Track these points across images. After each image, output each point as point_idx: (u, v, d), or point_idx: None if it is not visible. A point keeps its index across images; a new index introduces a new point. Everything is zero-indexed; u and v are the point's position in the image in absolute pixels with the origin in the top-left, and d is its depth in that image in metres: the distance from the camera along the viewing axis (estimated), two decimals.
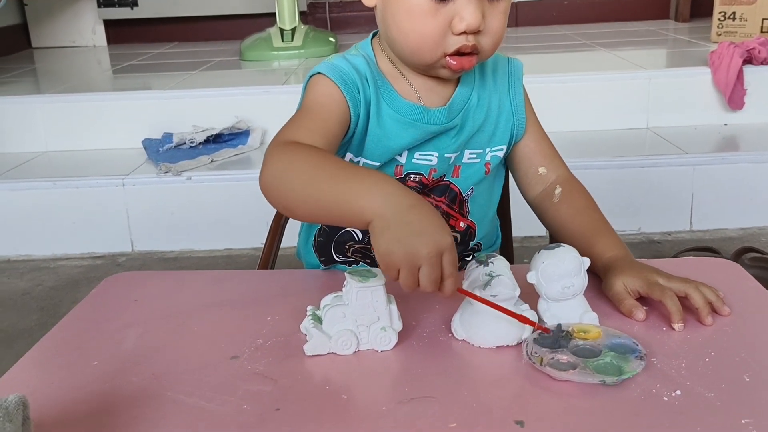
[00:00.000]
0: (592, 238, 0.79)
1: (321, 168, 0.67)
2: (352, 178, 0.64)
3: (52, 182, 2.02)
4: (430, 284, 0.60)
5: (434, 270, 0.59)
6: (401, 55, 0.79)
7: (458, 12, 0.72)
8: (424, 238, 0.59)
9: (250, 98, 2.31)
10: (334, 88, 0.78)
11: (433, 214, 0.61)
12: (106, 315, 0.76)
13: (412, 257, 0.59)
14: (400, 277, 0.60)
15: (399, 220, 0.60)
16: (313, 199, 0.66)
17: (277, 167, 0.69)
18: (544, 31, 3.40)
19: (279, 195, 0.68)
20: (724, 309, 0.69)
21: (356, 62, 0.80)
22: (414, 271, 0.59)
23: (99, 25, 3.64)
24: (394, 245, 0.59)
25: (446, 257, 0.60)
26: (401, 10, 0.74)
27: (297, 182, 0.67)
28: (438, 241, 0.59)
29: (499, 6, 0.74)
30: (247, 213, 1.98)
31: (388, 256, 0.59)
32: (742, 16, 2.63)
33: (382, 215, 0.60)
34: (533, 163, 0.88)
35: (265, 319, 0.72)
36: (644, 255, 1.88)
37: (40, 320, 1.69)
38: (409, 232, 0.59)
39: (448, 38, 0.73)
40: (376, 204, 0.61)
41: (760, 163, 1.99)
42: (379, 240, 0.60)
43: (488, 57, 0.78)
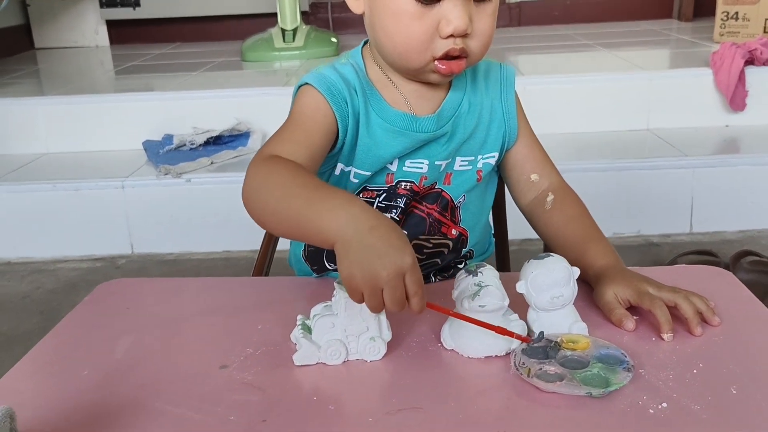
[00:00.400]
0: (583, 246, 0.79)
1: (292, 186, 0.67)
2: (318, 198, 0.65)
3: (52, 184, 2.03)
4: (393, 305, 0.60)
5: (395, 291, 0.59)
6: (390, 61, 0.79)
7: (445, 15, 0.72)
8: (384, 260, 0.59)
9: (250, 100, 2.31)
10: (321, 100, 0.78)
11: (394, 234, 0.61)
12: (98, 323, 0.76)
13: (373, 280, 0.59)
14: (365, 300, 0.60)
15: (359, 243, 0.60)
16: (283, 216, 0.67)
17: (254, 182, 0.70)
18: (547, 30, 3.39)
19: (255, 210, 0.69)
20: (714, 319, 0.69)
21: (345, 71, 0.80)
22: (377, 292, 0.60)
23: (102, 26, 3.66)
24: (355, 269, 0.59)
25: (408, 277, 0.60)
26: (388, 14, 0.74)
27: (270, 199, 0.68)
28: (397, 262, 0.59)
29: (486, 8, 0.74)
30: (245, 215, 1.96)
31: (350, 280, 0.60)
32: (745, 16, 2.62)
33: (343, 238, 0.61)
34: (525, 170, 0.88)
35: (256, 327, 0.73)
36: (643, 258, 1.88)
37: (40, 324, 1.69)
38: (369, 254, 0.59)
39: (435, 42, 0.73)
40: (338, 226, 0.61)
41: (761, 165, 1.98)
42: (342, 263, 0.61)
43: (477, 60, 0.78)
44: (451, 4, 0.71)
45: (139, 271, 1.95)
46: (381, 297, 0.60)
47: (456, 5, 0.71)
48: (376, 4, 0.75)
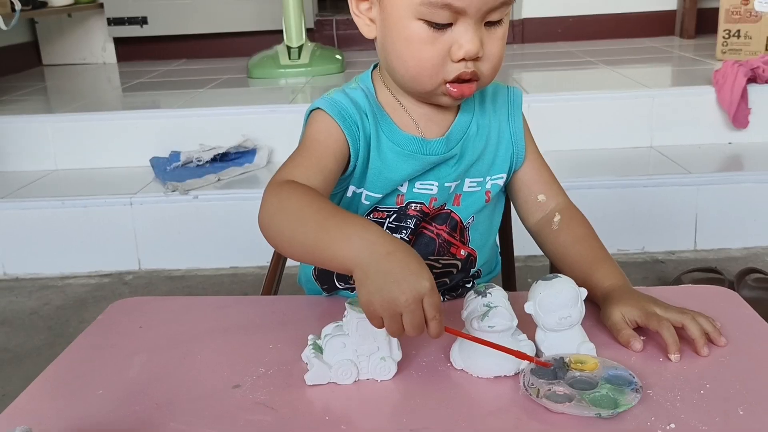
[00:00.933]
0: (590, 267, 0.80)
1: (308, 212, 0.69)
2: (334, 225, 0.66)
3: (60, 201, 2.05)
4: (413, 330, 0.61)
5: (415, 316, 0.61)
6: (402, 84, 0.81)
7: (456, 39, 0.73)
8: (402, 285, 0.60)
9: (256, 117, 2.33)
10: (333, 124, 0.79)
11: (411, 259, 0.62)
12: (111, 342, 0.77)
13: (392, 305, 0.60)
14: (385, 325, 0.62)
15: (377, 269, 0.61)
16: (299, 242, 0.68)
17: (270, 208, 0.71)
18: (550, 48, 3.42)
19: (271, 235, 0.71)
20: (720, 340, 0.69)
21: (355, 96, 0.82)
22: (396, 318, 0.61)
23: (109, 43, 3.69)
24: (373, 295, 0.61)
25: (426, 301, 0.61)
26: (400, 39, 0.75)
27: (285, 224, 0.69)
28: (416, 287, 0.60)
29: (496, 32, 0.75)
30: (253, 231, 1.96)
31: (369, 306, 0.61)
32: (747, 34, 2.64)
33: (360, 265, 0.62)
34: (533, 190, 0.89)
35: (268, 347, 0.74)
36: (648, 275, 1.89)
37: (48, 340, 1.70)
38: (387, 280, 0.61)
39: (447, 65, 0.75)
40: (355, 253, 0.63)
41: (765, 182, 1.99)
42: (360, 290, 0.62)
43: (488, 83, 0.79)
44: (463, 29, 0.73)
45: (147, 287, 1.96)
46: (401, 322, 0.61)
47: (467, 29, 0.73)
48: (388, 30, 0.77)
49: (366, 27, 0.80)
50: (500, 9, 0.73)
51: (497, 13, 0.74)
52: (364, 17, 0.80)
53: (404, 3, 0.73)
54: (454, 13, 0.72)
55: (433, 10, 0.72)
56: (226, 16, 3.55)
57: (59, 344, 1.66)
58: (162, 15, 3.56)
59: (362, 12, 0.80)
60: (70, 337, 1.68)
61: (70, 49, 3.71)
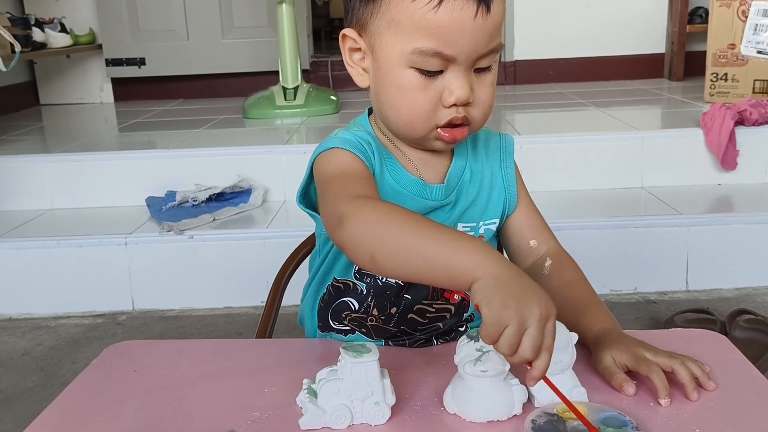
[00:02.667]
0: (581, 311, 0.81)
1: (424, 223, 0.68)
2: (457, 236, 0.66)
3: (56, 241, 2.05)
4: (531, 350, 0.59)
5: (539, 335, 0.60)
6: (395, 130, 0.83)
7: (447, 86, 0.75)
8: (540, 298, 0.61)
9: (252, 157, 2.36)
10: (353, 156, 0.80)
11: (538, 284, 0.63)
12: (106, 386, 0.78)
13: (526, 314, 0.59)
14: (504, 336, 0.59)
15: (515, 282, 0.61)
16: (413, 249, 0.66)
17: (369, 216, 0.69)
18: (541, 89, 3.48)
19: (371, 244, 0.68)
20: (709, 384, 0.70)
21: (360, 135, 0.83)
22: (521, 330, 0.59)
23: (107, 83, 3.74)
24: (511, 300, 0.60)
25: (550, 325, 0.61)
26: (393, 87, 0.78)
27: (396, 232, 0.67)
28: (550, 306, 0.61)
29: (486, 78, 0.78)
30: (247, 271, 2.00)
31: (504, 310, 0.59)
32: (734, 77, 2.70)
33: (491, 273, 0.62)
34: (524, 236, 0.90)
35: (262, 390, 0.74)
36: (641, 315, 1.90)
37: (40, 381, 1.69)
38: (525, 291, 0.61)
39: (439, 111, 0.77)
40: (487, 263, 0.62)
41: (754, 224, 2.02)
42: (494, 294, 0.60)
43: (479, 127, 0.81)
44: (453, 75, 0.75)
45: (141, 327, 1.96)
46: (520, 339, 0.59)
47: (457, 76, 0.75)
48: (381, 79, 0.79)
49: (359, 77, 0.82)
50: (489, 56, 0.76)
51: (486, 60, 0.76)
52: (357, 67, 0.82)
53: (396, 52, 0.76)
54: (445, 60, 0.74)
55: (425, 59, 0.74)
56: (222, 58, 3.61)
57: (51, 385, 1.65)
58: (160, 56, 3.62)
59: (355, 62, 0.82)
60: (62, 378, 1.68)
61: (67, 89, 3.76)
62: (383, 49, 0.77)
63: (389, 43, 0.76)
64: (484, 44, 0.74)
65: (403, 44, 0.75)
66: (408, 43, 0.74)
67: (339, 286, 0.88)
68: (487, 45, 0.75)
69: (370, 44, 0.79)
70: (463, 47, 0.73)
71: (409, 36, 0.74)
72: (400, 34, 0.75)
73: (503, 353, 0.60)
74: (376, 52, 0.78)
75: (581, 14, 3.55)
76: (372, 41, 0.78)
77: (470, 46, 0.73)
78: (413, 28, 0.73)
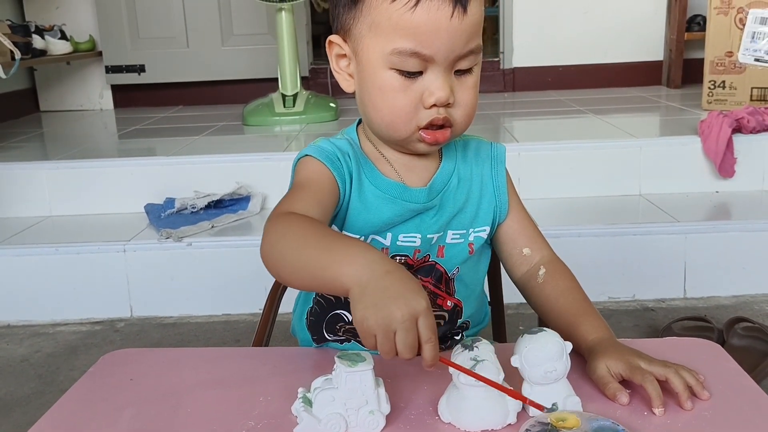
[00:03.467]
0: (575, 320, 0.81)
1: (310, 236, 0.71)
2: (337, 247, 0.68)
3: (54, 248, 2.06)
4: (406, 349, 0.61)
5: (409, 334, 0.61)
6: (378, 133, 0.84)
7: (427, 87, 0.77)
8: (398, 301, 0.61)
9: (251, 164, 2.36)
10: (322, 167, 0.83)
11: (409, 279, 0.63)
12: (102, 395, 0.78)
13: (387, 321, 0.60)
14: (378, 343, 0.61)
15: (375, 286, 0.62)
16: (301, 265, 0.69)
17: (273, 235, 0.73)
18: (540, 96, 3.49)
19: (274, 262, 0.72)
20: (703, 393, 0.71)
21: (340, 144, 0.86)
22: (390, 335, 0.61)
23: (106, 90, 3.75)
24: (369, 310, 0.61)
25: (422, 321, 0.61)
26: (375, 88, 0.79)
27: (288, 249, 0.71)
28: (411, 303, 0.61)
29: (466, 81, 0.79)
30: (245, 278, 2.00)
31: (364, 322, 0.61)
32: (732, 84, 2.71)
33: (359, 282, 0.63)
34: (517, 244, 0.91)
35: (258, 399, 0.74)
36: (639, 323, 1.90)
37: (38, 388, 1.69)
38: (383, 296, 0.61)
39: (420, 112, 0.78)
40: (355, 271, 0.64)
41: (751, 231, 2.02)
42: (356, 306, 0.62)
43: (462, 130, 0.82)
44: (433, 76, 0.77)
45: (138, 334, 1.96)
46: (394, 341, 0.61)
47: (437, 77, 0.76)
48: (363, 81, 0.81)
49: (345, 82, 0.84)
50: (468, 58, 0.77)
51: (466, 62, 0.77)
52: (343, 73, 0.84)
53: (376, 54, 0.77)
54: (424, 61, 0.76)
55: (403, 59, 0.76)
56: (222, 65, 3.63)
57: (49, 392, 1.65)
58: (160, 63, 3.63)
59: (342, 68, 0.84)
60: (60, 386, 1.68)
61: (67, 96, 3.77)
62: (365, 52, 0.79)
63: (370, 45, 0.78)
64: (461, 45, 0.76)
65: (383, 45, 0.76)
66: (387, 44, 0.76)
67: (330, 298, 0.89)
68: (464, 45, 0.76)
69: (354, 49, 0.81)
70: (440, 47, 0.75)
71: (388, 37, 0.76)
72: (379, 35, 0.76)
73: (385, 358, 0.62)
74: (358, 55, 0.80)
75: (580, 22, 3.57)
76: (355, 45, 0.80)
77: (447, 46, 0.75)
78: (392, 29, 0.75)
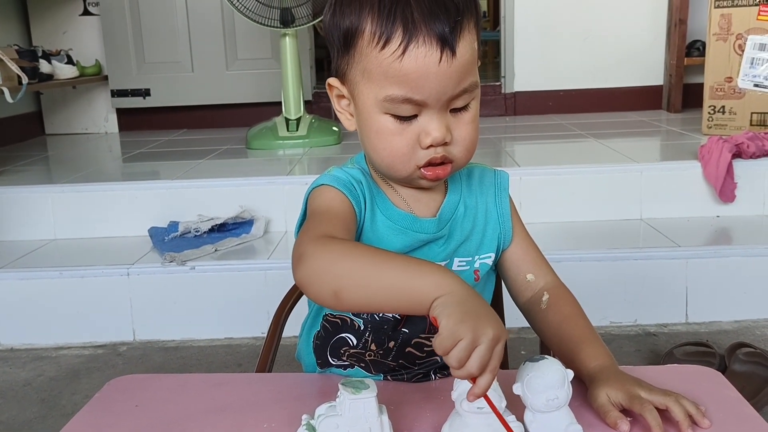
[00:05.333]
0: (577, 347, 0.82)
1: (382, 256, 0.71)
2: (415, 263, 0.69)
3: (58, 272, 2.07)
4: (477, 366, 0.61)
5: (488, 353, 0.62)
6: (381, 171, 0.86)
7: (423, 128, 0.78)
8: (492, 320, 0.63)
9: (254, 188, 2.38)
10: (340, 195, 0.83)
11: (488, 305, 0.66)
12: (108, 421, 0.79)
13: (480, 332, 0.62)
14: (457, 348, 0.61)
15: (473, 301, 0.64)
16: (375, 281, 0.69)
17: (329, 255, 0.71)
18: (541, 120, 3.52)
19: (332, 280, 0.70)
20: (704, 422, 0.71)
21: (353, 173, 0.86)
22: (473, 346, 0.61)
23: (112, 113, 3.79)
24: (469, 315, 0.62)
25: (499, 348, 0.63)
26: (372, 131, 0.80)
27: (356, 267, 0.70)
28: (502, 329, 0.63)
29: (463, 117, 0.80)
30: (248, 302, 2.01)
31: (460, 324, 0.62)
32: (732, 110, 2.73)
33: (451, 292, 0.64)
34: (521, 270, 0.92)
35: (262, 426, 0.75)
36: (641, 347, 1.90)
37: (40, 412, 1.69)
38: (481, 311, 0.64)
39: (417, 152, 0.79)
40: (446, 284, 0.65)
41: (753, 256, 2.02)
42: (452, 309, 0.63)
43: (463, 164, 0.83)
44: (428, 118, 0.77)
45: (141, 358, 1.96)
46: (470, 353, 0.61)
47: (432, 118, 0.77)
48: (362, 124, 0.82)
49: (347, 121, 0.86)
50: (462, 97, 0.78)
51: (460, 101, 0.78)
52: (345, 113, 0.85)
53: (371, 100, 0.78)
54: (416, 105, 0.76)
55: (396, 105, 0.77)
56: (226, 89, 3.66)
57: (51, 417, 1.65)
58: (164, 87, 3.67)
59: (343, 108, 0.85)
60: (62, 410, 1.68)
61: (73, 119, 3.80)
62: (360, 97, 0.80)
63: (364, 90, 0.79)
64: (452, 86, 0.76)
65: (376, 92, 0.77)
66: (380, 91, 0.77)
67: (336, 321, 0.90)
68: (456, 87, 0.76)
69: (351, 92, 0.82)
70: (431, 91, 0.75)
71: (380, 84, 0.77)
72: (372, 82, 0.78)
73: (451, 365, 0.62)
74: (355, 98, 0.82)
75: (580, 47, 3.60)
76: (352, 89, 0.82)
77: (438, 89, 0.76)
78: (383, 77, 0.76)
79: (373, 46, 0.76)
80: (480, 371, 0.62)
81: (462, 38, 0.75)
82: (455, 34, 0.75)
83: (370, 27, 0.76)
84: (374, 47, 0.76)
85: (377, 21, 0.75)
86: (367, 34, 0.76)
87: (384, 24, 0.75)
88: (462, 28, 0.75)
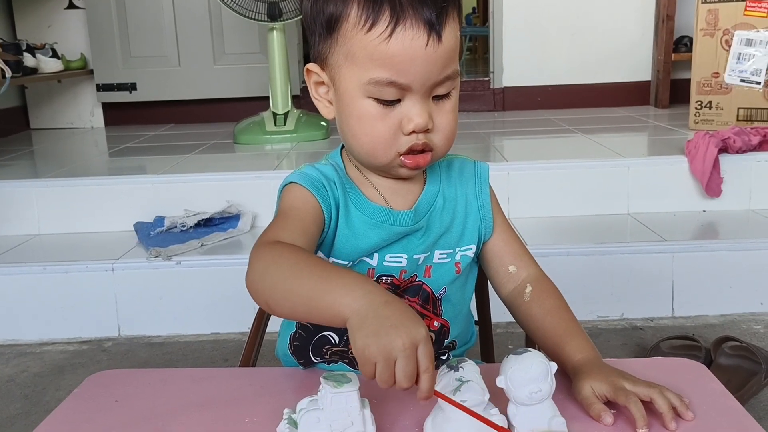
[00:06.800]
0: (561, 340, 0.82)
1: (303, 266, 0.70)
2: (332, 277, 0.68)
3: (42, 267, 2.04)
4: (405, 379, 0.61)
5: (409, 363, 0.61)
6: (360, 159, 0.85)
7: (406, 114, 0.77)
8: (399, 329, 0.61)
9: (241, 183, 2.37)
10: (307, 194, 0.83)
11: (407, 308, 0.64)
12: (87, 416, 0.77)
13: (388, 349, 0.61)
14: (377, 372, 0.62)
15: (375, 315, 0.63)
16: (294, 295, 0.69)
17: (261, 264, 0.72)
18: (529, 115, 3.52)
19: (263, 291, 0.71)
20: (687, 414, 0.71)
21: (324, 170, 0.86)
22: (390, 364, 0.61)
23: (97, 108, 3.75)
24: (370, 338, 0.61)
25: (421, 350, 0.62)
26: (353, 117, 0.80)
27: (279, 278, 0.70)
28: (413, 333, 0.62)
29: (444, 105, 0.80)
30: (234, 297, 2.00)
31: (365, 350, 0.61)
32: (718, 105, 2.74)
33: (358, 311, 0.63)
34: (503, 261, 0.91)
35: (243, 420, 0.74)
36: (627, 341, 1.90)
37: (24, 409, 1.67)
38: (384, 324, 0.62)
39: (399, 138, 0.79)
40: (353, 301, 0.64)
41: (739, 250, 2.03)
42: (356, 335, 0.62)
43: (443, 153, 0.83)
44: (411, 103, 0.77)
45: (126, 354, 1.94)
46: (393, 370, 0.61)
47: (415, 104, 0.77)
48: (342, 109, 0.81)
49: (325, 109, 0.85)
50: (445, 84, 0.78)
51: (443, 88, 0.78)
52: (323, 100, 0.85)
53: (354, 83, 0.78)
54: (400, 89, 0.76)
55: (380, 88, 0.76)
56: (213, 83, 3.64)
57: (35, 413, 1.64)
58: (151, 81, 3.64)
59: (321, 95, 0.85)
60: (46, 406, 1.66)
61: (58, 114, 3.77)
62: (342, 81, 0.80)
63: (347, 74, 0.79)
64: (437, 72, 0.76)
65: (360, 75, 0.77)
66: (364, 74, 0.76)
67: None
68: (440, 72, 0.77)
69: (332, 77, 0.81)
70: (416, 75, 0.75)
71: (364, 67, 0.76)
72: (356, 65, 0.77)
73: (383, 387, 0.62)
74: (336, 84, 0.81)
75: (569, 42, 3.61)
76: (333, 74, 0.81)
77: (423, 74, 0.76)
78: (368, 60, 0.76)
79: (359, 28, 0.75)
80: (410, 381, 0.61)
81: (447, 24, 0.76)
82: (441, 19, 0.75)
83: (356, 10, 0.75)
84: (360, 29, 0.75)
85: (364, 3, 0.75)
86: (353, 17, 0.76)
87: (371, 6, 0.75)
88: (447, 15, 0.76)
